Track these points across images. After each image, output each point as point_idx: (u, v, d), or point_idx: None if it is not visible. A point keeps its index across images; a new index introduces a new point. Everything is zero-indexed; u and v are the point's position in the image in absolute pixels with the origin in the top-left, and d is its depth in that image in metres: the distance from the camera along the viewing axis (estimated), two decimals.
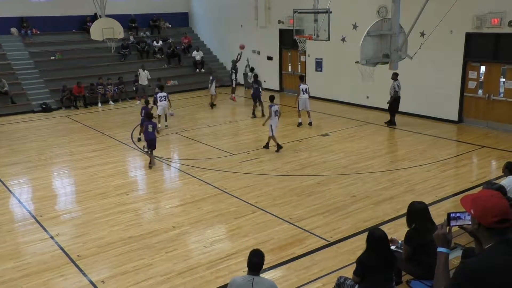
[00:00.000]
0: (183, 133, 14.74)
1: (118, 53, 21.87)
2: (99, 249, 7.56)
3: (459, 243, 5.63)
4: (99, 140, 14.08)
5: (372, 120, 15.56)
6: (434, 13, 11.97)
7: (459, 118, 14.82)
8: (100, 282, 6.64)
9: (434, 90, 15.06)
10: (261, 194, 9.65)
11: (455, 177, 10.46)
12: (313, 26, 14.11)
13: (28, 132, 15.51)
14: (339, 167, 11.14)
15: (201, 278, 6.65)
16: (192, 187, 10.23)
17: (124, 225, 8.41)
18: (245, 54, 22.50)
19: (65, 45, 21.81)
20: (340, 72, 17.89)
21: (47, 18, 21.87)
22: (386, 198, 9.26)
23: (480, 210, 2.66)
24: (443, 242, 2.94)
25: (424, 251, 4.81)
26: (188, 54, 23.75)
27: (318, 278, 6.49)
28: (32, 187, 10.76)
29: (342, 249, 7.29)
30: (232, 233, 8.03)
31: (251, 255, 4.70)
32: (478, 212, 2.67)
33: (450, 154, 11.85)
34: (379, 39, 10.86)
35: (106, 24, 18.52)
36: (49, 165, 12.20)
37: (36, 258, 7.37)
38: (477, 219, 2.69)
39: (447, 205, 8.77)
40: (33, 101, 18.93)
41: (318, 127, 15.22)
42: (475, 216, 2.70)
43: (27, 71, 20.25)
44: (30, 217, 8.96)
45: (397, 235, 6.15)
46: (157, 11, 24.84)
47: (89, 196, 9.92)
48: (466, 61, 14.34)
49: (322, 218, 8.41)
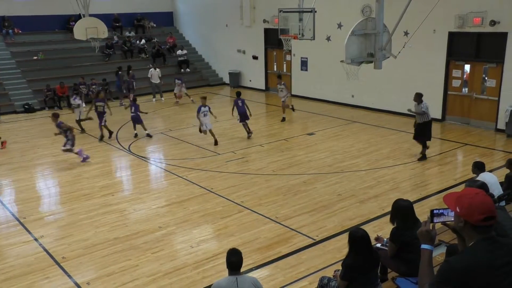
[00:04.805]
0: (169, 133, 14.66)
1: (102, 53, 21.67)
2: (84, 251, 7.48)
3: (443, 240, 5.71)
4: (83, 141, 13.91)
5: (357, 118, 15.67)
6: (418, 13, 12.09)
7: (442, 117, 15.01)
8: (86, 284, 6.57)
9: (417, 89, 15.15)
10: (247, 193, 9.65)
11: (438, 175, 10.59)
12: (298, 26, 14.13)
13: (10, 133, 15.25)
14: (325, 166, 11.20)
15: (187, 278, 6.63)
16: (178, 187, 10.19)
17: (109, 226, 8.34)
18: (230, 53, 22.53)
19: (48, 45, 21.52)
20: (325, 71, 17.98)
21: (29, 18, 21.53)
22: (372, 196, 9.34)
23: (466, 208, 2.65)
24: (427, 239, 2.94)
25: (409, 249, 4.85)
26: (173, 54, 23.64)
27: (304, 277, 6.51)
28: (15, 189, 10.60)
29: (328, 247, 7.33)
30: (219, 233, 8.02)
31: (229, 255, 4.65)
32: (465, 210, 2.66)
33: (434, 152, 12.00)
34: (363, 38, 10.91)
35: (89, 23, 18.32)
36: (32, 166, 12.02)
37: (20, 260, 7.26)
38: (463, 217, 2.67)
39: (431, 202, 8.88)
40: (16, 102, 18.63)
41: (303, 126, 15.28)
42: (461, 214, 2.68)
43: (9, 71, 19.90)
44: (13, 219, 8.82)
45: (382, 233, 6.21)
46: (141, 10, 24.64)
47: (73, 197, 9.81)
48: (449, 60, 14.54)
49: (308, 217, 8.44)
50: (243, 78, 22.50)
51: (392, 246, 5.07)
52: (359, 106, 17.00)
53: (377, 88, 16.28)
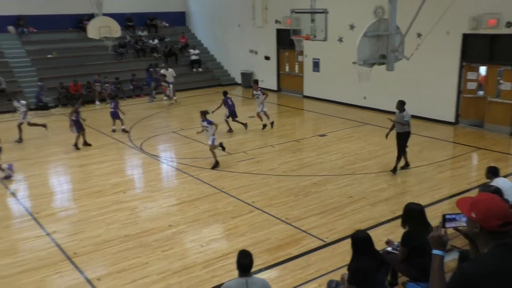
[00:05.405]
0: (181, 132, 14.73)
1: (115, 51, 21.83)
2: (95, 247, 7.56)
3: (456, 245, 5.65)
4: (96, 138, 14.04)
5: (369, 120, 15.58)
6: (431, 14, 12.00)
7: (455, 120, 14.88)
8: (96, 280, 6.64)
9: (430, 92, 15.10)
10: (258, 193, 9.66)
11: (451, 179, 10.50)
12: (310, 26, 14.12)
13: (25, 129, 15.42)
14: (336, 168, 11.16)
15: (197, 277, 6.65)
16: (189, 186, 10.24)
17: (120, 223, 8.41)
18: (242, 53, 22.59)
19: (61, 44, 21.73)
20: (337, 73, 17.91)
21: (44, 17, 21.78)
22: (383, 199, 9.29)
23: (483, 213, 2.58)
24: (438, 244, 2.88)
25: (420, 253, 4.81)
26: (185, 53, 23.74)
27: (314, 279, 6.50)
28: (29, 184, 10.75)
29: (339, 249, 7.29)
30: (229, 233, 8.04)
31: (240, 256, 4.64)
32: (481, 215, 2.59)
33: (446, 156, 11.89)
34: (376, 40, 10.87)
35: (103, 22, 18.49)
36: (46, 162, 12.17)
37: (32, 255, 7.37)
38: (479, 222, 2.60)
39: (443, 206, 8.80)
40: (30, 99, 18.83)
41: (315, 127, 15.24)
42: (477, 220, 2.61)
43: (24, 69, 20.20)
44: (27, 214, 8.95)
45: (393, 237, 6.18)
46: (153, 10, 24.78)
47: (85, 194, 9.91)
48: (463, 62, 14.41)
49: (319, 219, 8.43)
50: (254, 78, 22.48)
51: (403, 250, 5.04)
52: (371, 108, 16.91)
53: (389, 90, 16.15)
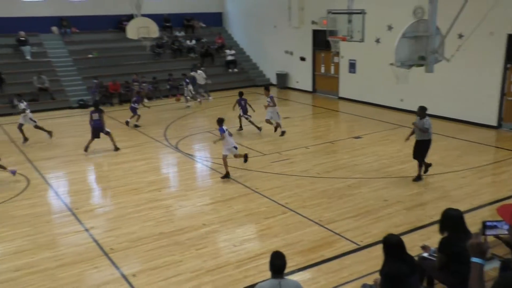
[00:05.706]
0: (215, 132, 14.82)
1: (152, 52, 22.28)
2: (131, 244, 7.73)
3: (497, 254, 5.45)
4: (133, 137, 14.37)
5: (405, 123, 15.20)
6: (473, 14, 11.63)
7: (498, 123, 14.35)
8: (132, 276, 6.78)
9: (471, 94, 14.64)
10: (291, 195, 9.63)
11: (492, 185, 10.14)
12: (347, 27, 13.93)
13: (66, 127, 16.01)
14: (371, 170, 10.98)
15: (229, 276, 6.70)
16: (223, 185, 10.32)
17: (155, 221, 8.57)
18: (278, 54, 22.59)
19: (101, 44, 22.39)
20: (373, 74, 17.64)
21: (85, 17, 22.49)
22: (419, 204, 9.07)
23: None
24: (477, 251, 2.81)
25: (458, 260, 4.67)
26: (221, 54, 23.96)
27: (347, 282, 6.42)
28: (69, 181, 11.11)
29: (373, 253, 7.16)
30: (262, 233, 8.05)
31: (273, 258, 4.63)
32: None
33: (487, 161, 11.49)
34: (414, 41, 10.62)
35: (141, 23, 18.90)
36: (85, 160, 12.56)
37: (71, 249, 7.61)
38: None
39: (483, 213, 8.50)
40: (71, 98, 19.54)
41: (350, 129, 15.05)
42: None
43: (66, 68, 20.93)
44: (67, 209, 9.26)
45: (429, 242, 6.02)
46: (191, 10, 25.15)
47: (122, 191, 10.16)
48: (507, 64, 13.88)
49: (353, 222, 8.32)
50: (290, 79, 22.48)
51: (440, 257, 4.90)
52: (408, 110, 16.53)
53: (428, 92, 15.75)
